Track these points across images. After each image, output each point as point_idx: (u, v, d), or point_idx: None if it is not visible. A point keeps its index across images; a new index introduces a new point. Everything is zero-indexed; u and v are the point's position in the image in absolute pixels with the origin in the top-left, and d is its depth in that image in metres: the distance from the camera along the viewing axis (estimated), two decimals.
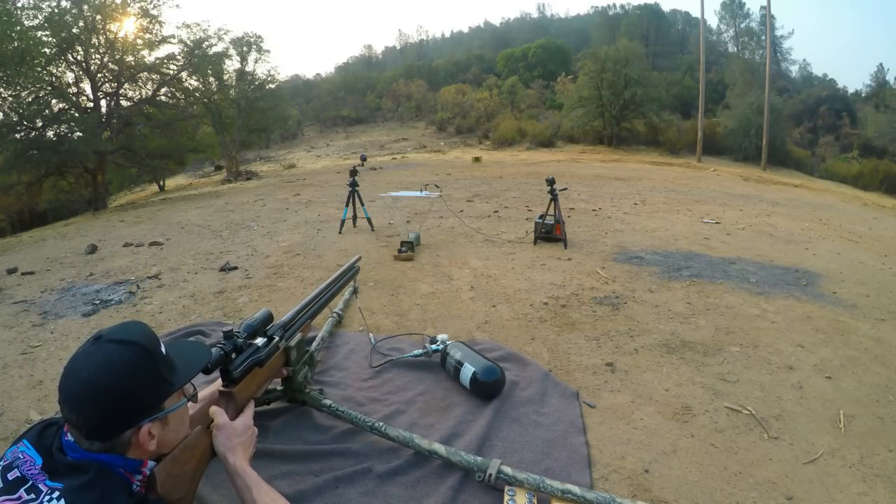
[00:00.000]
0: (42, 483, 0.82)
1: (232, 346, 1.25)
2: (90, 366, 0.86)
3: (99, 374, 0.85)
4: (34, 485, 0.81)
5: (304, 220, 5.85)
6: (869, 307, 2.92)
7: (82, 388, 0.85)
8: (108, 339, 0.90)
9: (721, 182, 11.26)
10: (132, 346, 0.90)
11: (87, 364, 0.87)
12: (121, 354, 0.88)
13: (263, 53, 19.47)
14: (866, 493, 1.40)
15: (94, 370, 0.86)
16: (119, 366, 0.87)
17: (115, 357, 0.88)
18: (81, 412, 0.85)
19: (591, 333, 2.48)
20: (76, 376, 0.86)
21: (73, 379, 0.86)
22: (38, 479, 0.82)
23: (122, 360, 0.88)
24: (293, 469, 1.42)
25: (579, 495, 1.28)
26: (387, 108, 33.85)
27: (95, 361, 0.87)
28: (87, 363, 0.87)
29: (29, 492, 0.81)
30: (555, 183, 4.34)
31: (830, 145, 24.53)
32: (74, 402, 0.85)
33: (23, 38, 9.16)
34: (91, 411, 0.85)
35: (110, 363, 0.87)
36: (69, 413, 0.86)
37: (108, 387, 0.85)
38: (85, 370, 0.86)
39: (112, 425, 0.87)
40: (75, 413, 0.85)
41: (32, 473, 0.83)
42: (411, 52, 60.04)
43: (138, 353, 0.90)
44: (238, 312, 2.85)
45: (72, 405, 0.85)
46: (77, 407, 0.85)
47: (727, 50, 39.67)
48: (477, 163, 15.24)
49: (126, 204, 12.81)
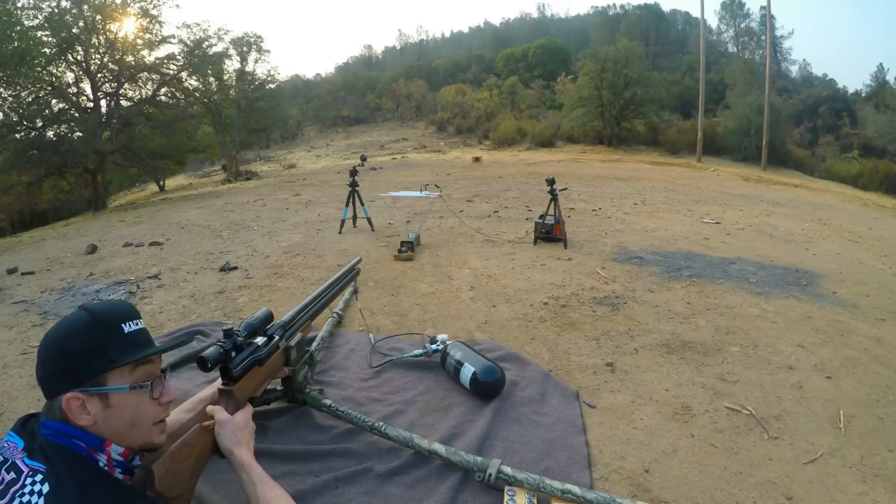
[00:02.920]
0: (20, 461, 0.83)
1: (232, 344, 1.25)
2: (55, 326, 0.96)
3: (53, 332, 0.94)
4: (14, 463, 0.83)
5: (304, 220, 5.85)
6: (869, 307, 2.92)
7: (42, 344, 0.94)
8: (85, 307, 0.97)
9: (721, 182, 11.26)
10: (84, 312, 0.95)
11: (56, 325, 0.96)
12: (72, 319, 0.95)
13: (263, 53, 19.60)
14: (866, 493, 1.40)
15: (52, 330, 0.94)
16: (64, 328, 0.93)
17: (67, 320, 0.95)
18: (37, 367, 0.93)
19: (591, 333, 2.48)
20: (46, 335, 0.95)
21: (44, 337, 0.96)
22: (17, 457, 0.84)
23: (68, 323, 0.94)
24: (293, 469, 1.42)
25: (579, 495, 1.28)
26: (387, 108, 33.86)
27: (57, 324, 0.96)
28: (57, 324, 0.96)
29: (9, 471, 0.82)
30: (555, 183, 4.34)
31: (830, 145, 24.51)
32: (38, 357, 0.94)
33: (23, 38, 9.16)
34: (39, 365, 0.93)
35: (61, 325, 0.94)
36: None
37: (52, 343, 0.92)
38: (51, 330, 0.95)
39: (49, 384, 0.92)
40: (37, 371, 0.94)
41: (13, 455, 0.84)
42: (411, 52, 60.05)
43: (85, 318, 0.94)
44: (238, 312, 2.85)
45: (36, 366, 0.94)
46: (37, 365, 0.94)
47: (727, 50, 39.65)
48: (477, 163, 15.25)
49: (126, 204, 12.81)
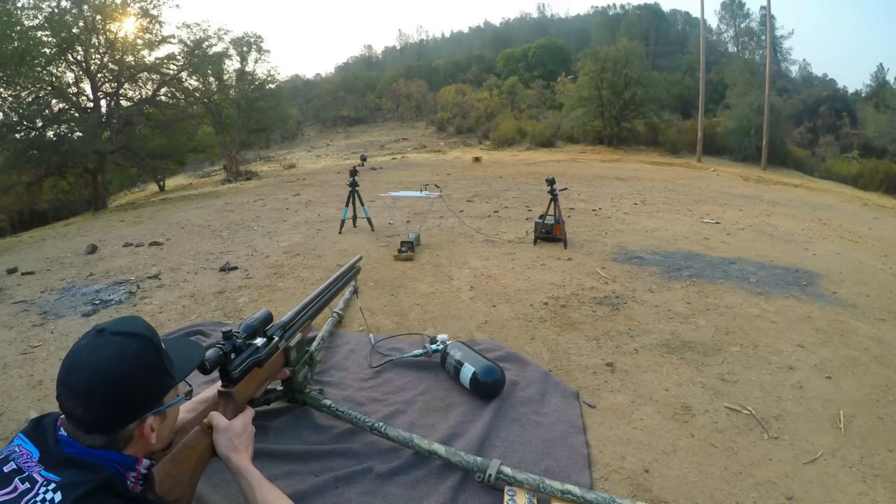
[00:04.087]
0: (37, 473, 0.81)
1: (231, 346, 1.25)
2: (99, 358, 0.87)
3: (109, 366, 0.87)
4: (30, 475, 0.81)
5: (304, 220, 5.85)
6: (869, 307, 2.92)
7: (91, 380, 0.85)
8: (113, 331, 0.91)
9: (721, 182, 11.25)
10: (139, 338, 0.92)
11: (95, 356, 0.87)
12: (129, 346, 0.90)
13: (263, 53, 19.60)
14: (866, 493, 1.39)
15: (104, 362, 0.87)
16: (129, 357, 0.89)
17: (124, 349, 0.89)
18: (88, 405, 0.85)
19: (591, 333, 2.48)
20: (83, 369, 0.86)
21: (80, 371, 0.86)
22: (33, 469, 0.82)
23: (132, 352, 0.90)
24: (293, 469, 1.42)
25: (579, 496, 1.28)
26: (387, 108, 33.85)
27: (104, 353, 0.88)
28: (95, 356, 0.88)
29: (24, 481, 0.80)
30: (555, 183, 4.34)
31: (830, 145, 24.50)
32: (80, 394, 0.85)
33: (23, 38, 9.15)
34: (100, 403, 0.86)
35: (120, 355, 0.88)
36: (73, 406, 0.86)
37: (118, 378, 0.87)
38: (93, 362, 0.86)
39: (119, 417, 0.88)
40: (81, 406, 0.85)
41: (29, 466, 0.83)
42: (411, 53, 60.05)
43: (146, 345, 0.92)
44: (238, 312, 2.85)
45: (77, 398, 0.86)
46: (83, 400, 0.85)
47: (727, 50, 39.67)
48: (477, 163, 15.25)
49: (126, 204, 12.81)
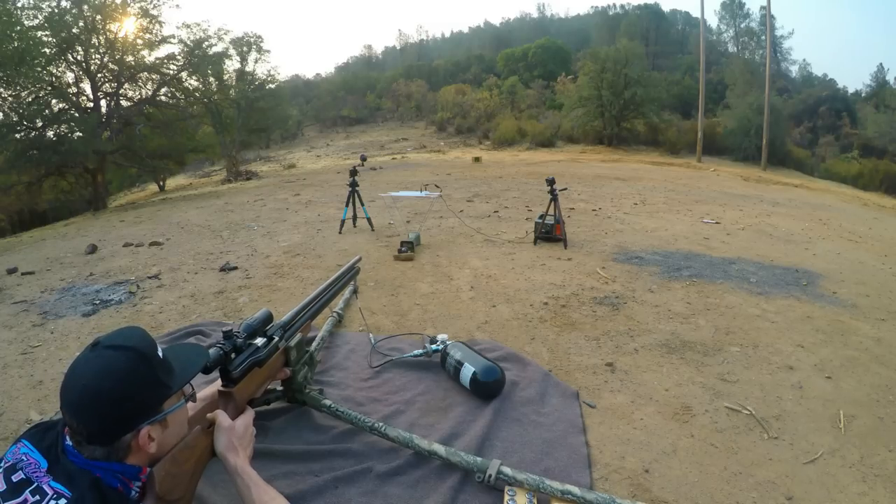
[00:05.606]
0: (46, 485, 0.82)
1: (231, 346, 1.25)
2: (88, 372, 0.89)
3: (97, 381, 0.88)
4: (39, 486, 0.82)
5: (304, 220, 5.85)
6: (869, 307, 2.92)
7: (82, 395, 0.87)
8: (105, 345, 0.92)
9: (721, 182, 11.25)
10: (128, 350, 0.92)
11: (86, 371, 0.89)
12: (118, 360, 0.90)
13: (263, 53, 19.55)
14: (866, 493, 1.39)
15: (93, 377, 0.88)
16: (116, 372, 0.89)
17: (112, 363, 0.90)
18: (82, 418, 0.87)
19: (591, 333, 2.48)
20: (76, 383, 0.88)
21: (73, 386, 0.88)
22: (42, 480, 0.83)
23: (119, 366, 0.90)
24: (293, 469, 1.42)
25: (579, 496, 1.28)
26: (387, 108, 33.87)
27: (94, 368, 0.89)
28: (86, 370, 0.89)
29: (34, 493, 0.81)
30: (555, 183, 4.34)
31: (830, 145, 24.50)
32: (75, 408, 0.87)
33: (23, 38, 9.16)
34: (91, 417, 0.87)
35: (108, 369, 0.89)
36: (70, 419, 0.88)
37: (106, 392, 0.87)
38: (84, 377, 0.88)
39: (111, 430, 0.89)
40: (76, 419, 0.87)
41: (38, 476, 0.83)
42: (411, 52, 60.10)
43: (135, 358, 0.92)
44: (238, 312, 2.85)
45: (73, 412, 0.87)
46: (78, 413, 0.87)
47: (727, 50, 39.71)
48: (477, 163, 15.25)
49: (126, 204, 12.82)
